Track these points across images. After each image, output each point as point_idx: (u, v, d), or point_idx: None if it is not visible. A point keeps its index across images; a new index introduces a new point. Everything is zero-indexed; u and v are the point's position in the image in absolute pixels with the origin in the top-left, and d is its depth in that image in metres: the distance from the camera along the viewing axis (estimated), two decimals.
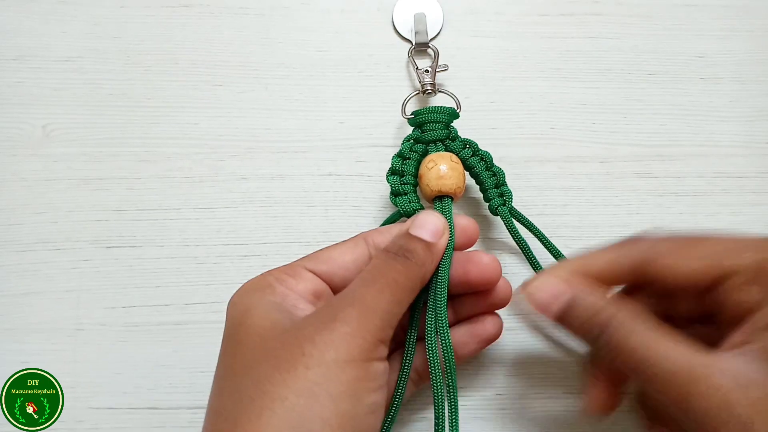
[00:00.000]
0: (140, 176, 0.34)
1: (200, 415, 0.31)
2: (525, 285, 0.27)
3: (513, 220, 0.32)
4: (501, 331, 0.30)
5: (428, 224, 0.27)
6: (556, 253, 0.32)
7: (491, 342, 0.30)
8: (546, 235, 0.33)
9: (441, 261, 0.28)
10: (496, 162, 0.35)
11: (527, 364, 0.32)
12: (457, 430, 0.27)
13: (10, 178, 0.34)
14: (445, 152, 0.32)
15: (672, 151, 0.36)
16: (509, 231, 0.32)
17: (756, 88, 0.37)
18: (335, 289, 0.27)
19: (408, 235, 0.27)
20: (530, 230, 0.33)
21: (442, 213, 0.30)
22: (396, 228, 0.29)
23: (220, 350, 0.26)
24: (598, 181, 0.35)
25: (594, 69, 0.37)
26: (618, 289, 0.28)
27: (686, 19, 0.38)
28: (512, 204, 0.33)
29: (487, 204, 0.33)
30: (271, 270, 0.27)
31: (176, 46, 0.36)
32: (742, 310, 0.23)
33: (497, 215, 0.33)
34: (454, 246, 0.29)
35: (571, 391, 0.32)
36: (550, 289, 0.26)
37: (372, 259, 0.27)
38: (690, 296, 0.26)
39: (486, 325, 0.29)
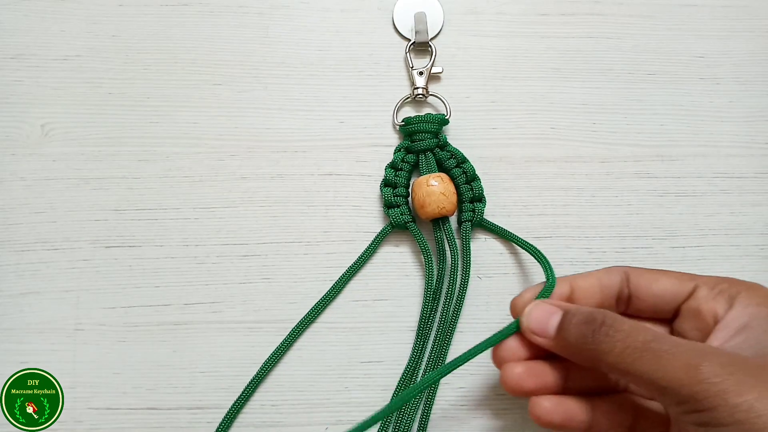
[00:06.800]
0: (139, 176, 0.34)
1: (200, 416, 0.32)
2: (515, 309, 0.29)
3: (471, 236, 0.33)
4: None
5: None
6: (538, 256, 0.31)
7: None
8: (545, 235, 0.34)
9: None
10: (495, 162, 0.35)
11: None
12: None
13: (8, 177, 0.34)
14: (424, 176, 0.33)
15: (672, 151, 0.36)
16: (461, 243, 0.33)
17: (756, 88, 0.37)
18: None
19: None
20: (506, 237, 0.33)
21: (445, 235, 0.32)
22: None
23: None
24: (598, 181, 0.35)
25: (594, 69, 0.37)
26: None
27: (687, 19, 0.38)
28: (483, 216, 0.33)
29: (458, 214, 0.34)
30: None
31: (176, 45, 0.36)
32: (712, 317, 0.27)
33: (459, 224, 0.33)
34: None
35: None
36: (542, 311, 0.27)
37: None
38: (657, 313, 0.29)
39: None
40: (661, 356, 0.23)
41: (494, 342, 0.28)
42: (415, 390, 0.27)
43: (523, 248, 0.32)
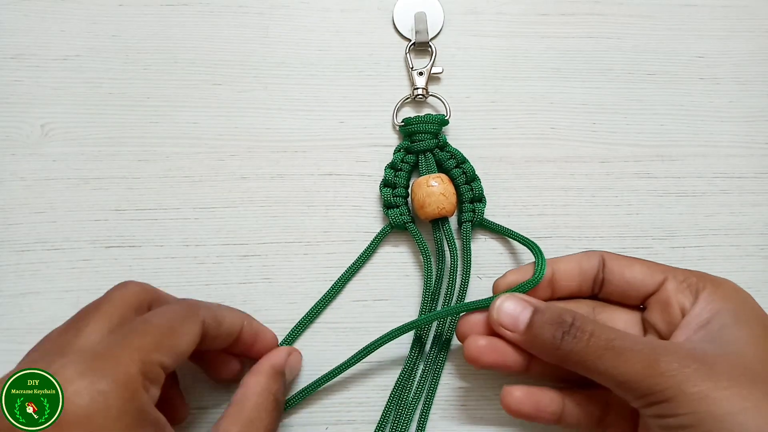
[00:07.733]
0: (139, 176, 0.34)
1: (200, 416, 0.32)
2: (497, 291, 0.30)
3: (471, 236, 0.33)
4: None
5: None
6: (534, 251, 0.31)
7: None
8: (545, 235, 0.34)
9: None
10: (495, 162, 0.35)
11: None
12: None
13: (8, 177, 0.34)
14: (424, 177, 0.33)
15: (672, 151, 0.36)
16: (461, 244, 0.33)
17: (756, 88, 0.37)
18: None
19: None
20: (506, 235, 0.33)
21: (445, 235, 0.32)
22: None
23: None
24: (598, 181, 0.35)
25: (594, 69, 0.37)
26: None
27: (686, 19, 0.38)
28: (483, 216, 0.33)
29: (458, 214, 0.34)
30: None
31: (175, 45, 0.36)
32: (680, 309, 0.27)
33: (459, 225, 0.33)
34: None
35: None
36: (513, 305, 0.28)
37: None
38: (626, 299, 0.29)
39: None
40: (622, 353, 0.24)
41: (480, 306, 0.29)
42: (429, 317, 0.30)
43: (522, 243, 0.32)
